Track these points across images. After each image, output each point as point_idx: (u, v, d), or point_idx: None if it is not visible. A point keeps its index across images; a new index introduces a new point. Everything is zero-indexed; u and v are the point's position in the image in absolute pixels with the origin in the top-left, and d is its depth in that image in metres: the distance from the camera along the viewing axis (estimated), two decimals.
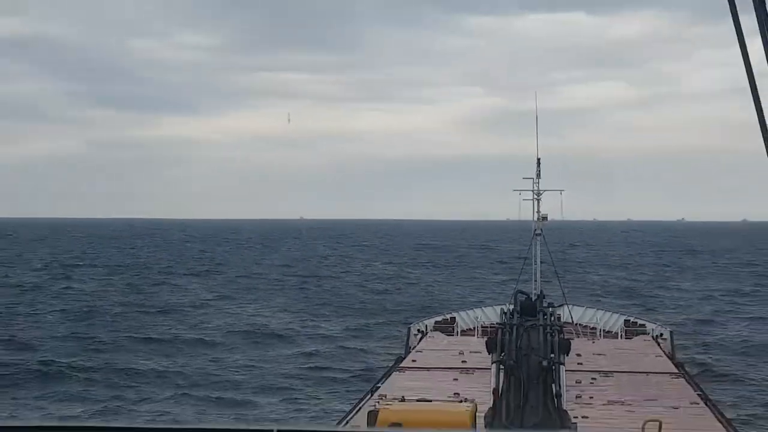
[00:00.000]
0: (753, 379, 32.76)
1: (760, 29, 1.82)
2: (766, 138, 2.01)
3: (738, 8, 1.85)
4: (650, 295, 65.05)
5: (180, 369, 34.00)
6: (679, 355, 26.76)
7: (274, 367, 34.76)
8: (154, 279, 74.96)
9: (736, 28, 1.92)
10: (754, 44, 2.05)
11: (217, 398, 29.19)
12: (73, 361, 34.48)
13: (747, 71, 1.87)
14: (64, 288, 65.46)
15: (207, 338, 41.80)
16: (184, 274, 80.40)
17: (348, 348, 39.32)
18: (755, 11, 1.78)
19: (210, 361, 36.14)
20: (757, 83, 1.92)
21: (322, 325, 47.14)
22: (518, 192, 28.14)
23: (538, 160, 27.53)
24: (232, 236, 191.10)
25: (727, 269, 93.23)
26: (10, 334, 41.29)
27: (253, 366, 35.13)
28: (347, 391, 28.33)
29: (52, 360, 34.50)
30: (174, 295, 62.16)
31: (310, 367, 34.96)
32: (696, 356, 34.53)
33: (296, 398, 29.63)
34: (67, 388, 30.58)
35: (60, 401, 28.94)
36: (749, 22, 1.90)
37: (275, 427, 2.80)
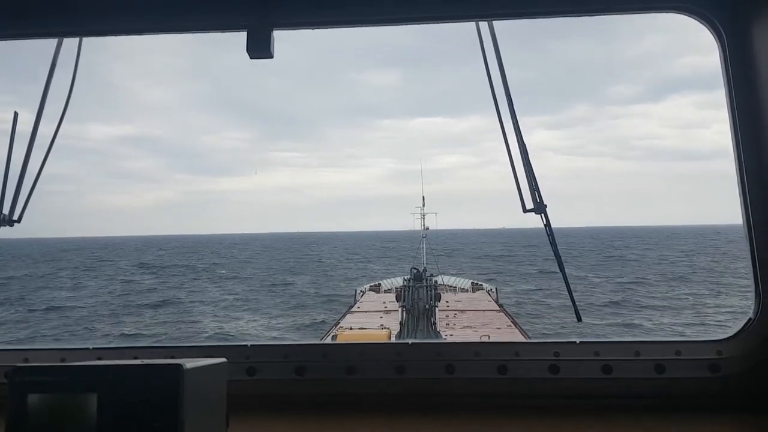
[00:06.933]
0: (537, 315, 41.37)
1: (515, 128, 2.55)
2: (521, 188, 2.55)
3: (501, 115, 2.60)
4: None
5: None
6: (501, 301, 32.18)
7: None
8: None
9: (500, 126, 2.60)
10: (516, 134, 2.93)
11: None
12: None
13: (507, 150, 3.05)
14: None
15: None
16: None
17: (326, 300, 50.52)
18: (510, 115, 3.02)
19: None
20: (512, 159, 2.59)
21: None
22: (413, 214, 42.24)
23: (423, 197, 42.75)
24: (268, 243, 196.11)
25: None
26: None
27: None
28: (324, 325, 35.64)
29: None
30: None
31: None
32: (506, 301, 40.14)
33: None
34: None
35: None
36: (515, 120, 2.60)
37: (249, 342, 2.65)
